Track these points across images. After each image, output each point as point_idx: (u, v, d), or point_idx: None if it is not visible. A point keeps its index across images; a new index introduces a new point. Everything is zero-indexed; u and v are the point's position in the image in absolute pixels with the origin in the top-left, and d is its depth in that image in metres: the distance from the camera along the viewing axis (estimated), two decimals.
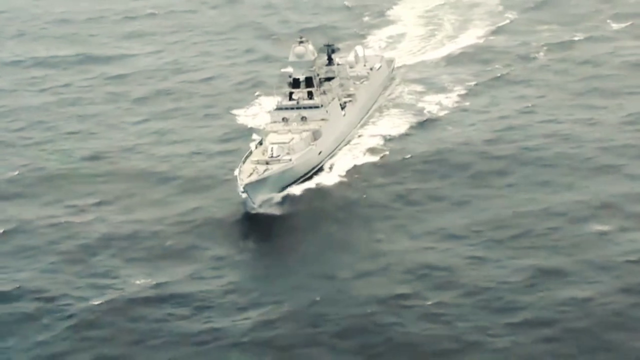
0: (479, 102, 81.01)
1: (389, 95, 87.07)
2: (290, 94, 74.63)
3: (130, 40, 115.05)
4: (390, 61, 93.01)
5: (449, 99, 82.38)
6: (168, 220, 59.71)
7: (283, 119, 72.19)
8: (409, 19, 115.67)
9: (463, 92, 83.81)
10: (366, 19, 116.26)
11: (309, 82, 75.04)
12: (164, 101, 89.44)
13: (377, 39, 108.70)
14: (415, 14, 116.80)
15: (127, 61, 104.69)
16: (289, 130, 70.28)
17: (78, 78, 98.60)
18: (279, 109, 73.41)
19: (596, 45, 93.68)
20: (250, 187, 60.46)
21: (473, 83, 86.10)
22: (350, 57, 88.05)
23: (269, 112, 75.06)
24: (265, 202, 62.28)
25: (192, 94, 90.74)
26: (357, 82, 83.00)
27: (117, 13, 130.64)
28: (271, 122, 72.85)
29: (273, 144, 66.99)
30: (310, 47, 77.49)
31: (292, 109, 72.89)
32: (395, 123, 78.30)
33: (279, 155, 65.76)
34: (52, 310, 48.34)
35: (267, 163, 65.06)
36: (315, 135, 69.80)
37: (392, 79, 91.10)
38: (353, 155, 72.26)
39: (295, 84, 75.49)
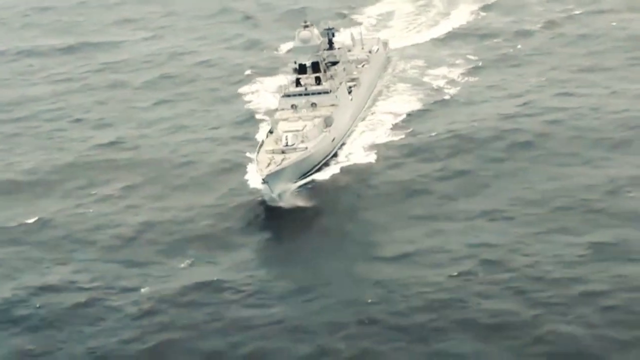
0: (486, 79, 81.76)
1: (388, 77, 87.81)
2: (298, 80, 74.21)
3: (120, 27, 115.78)
4: (385, 43, 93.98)
5: (454, 78, 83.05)
6: (198, 207, 60.36)
7: (292, 106, 71.46)
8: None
9: (468, 69, 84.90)
10: None
11: (315, 67, 74.84)
12: (168, 86, 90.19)
13: (365, 18, 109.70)
14: None
15: (122, 48, 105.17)
16: (300, 118, 69.81)
17: (75, 66, 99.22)
18: (287, 95, 72.74)
19: (594, 19, 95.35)
20: (271, 177, 60.08)
21: (476, 59, 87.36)
22: (348, 40, 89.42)
23: (277, 98, 74.81)
24: (284, 192, 61.98)
25: (194, 79, 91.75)
26: (359, 66, 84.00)
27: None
28: (280, 110, 72.28)
29: (286, 132, 66.38)
30: (316, 31, 77.41)
31: (300, 95, 72.42)
32: (404, 102, 78.70)
33: (293, 144, 65.22)
34: (103, 300, 48.76)
35: (283, 152, 64.37)
36: (327, 121, 69.54)
37: (389, 61, 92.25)
38: (368, 139, 72.19)
39: (302, 69, 75.04)
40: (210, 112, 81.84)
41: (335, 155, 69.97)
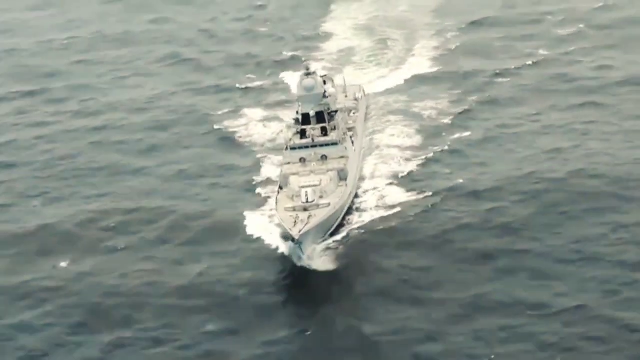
0: (479, 123, 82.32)
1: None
2: (303, 131, 71.82)
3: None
4: (363, 89, 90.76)
5: (444, 124, 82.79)
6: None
7: (301, 159, 69.06)
8: (351, 38, 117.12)
9: (457, 113, 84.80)
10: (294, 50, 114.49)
11: (320, 117, 72.44)
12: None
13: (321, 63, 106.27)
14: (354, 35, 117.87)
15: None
16: (311, 171, 67.34)
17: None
18: (294, 148, 70.11)
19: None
20: (303, 237, 58.04)
21: (459, 103, 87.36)
22: (331, 88, 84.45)
23: (282, 152, 71.95)
24: (313, 253, 60.18)
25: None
26: (351, 114, 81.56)
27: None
28: (286, 163, 69.54)
29: (304, 187, 63.91)
30: (319, 78, 74.86)
31: (307, 147, 69.77)
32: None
33: (314, 200, 62.83)
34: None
35: (305, 209, 61.94)
36: (342, 175, 67.39)
37: (368, 107, 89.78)
38: (377, 190, 70.96)
39: (305, 119, 72.59)
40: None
41: (349, 210, 67.63)
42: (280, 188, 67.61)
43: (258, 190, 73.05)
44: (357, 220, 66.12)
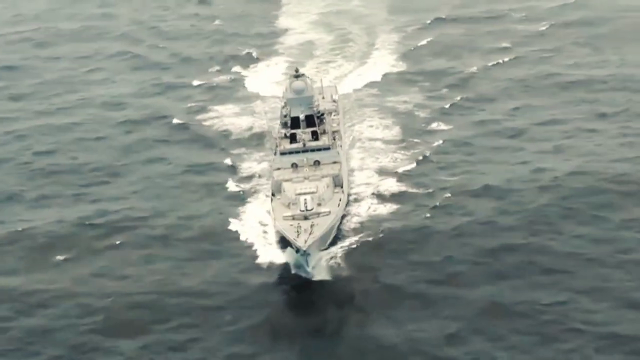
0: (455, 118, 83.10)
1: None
2: (293, 135, 69.80)
3: None
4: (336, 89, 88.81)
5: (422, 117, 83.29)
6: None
7: (292, 164, 67.19)
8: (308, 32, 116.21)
9: (435, 110, 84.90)
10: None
11: (309, 120, 70.60)
12: None
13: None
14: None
15: None
16: (305, 178, 65.45)
17: None
18: (284, 153, 68.18)
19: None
20: (311, 248, 56.62)
21: (434, 99, 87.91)
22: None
23: (272, 157, 70.37)
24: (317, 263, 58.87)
25: None
26: (334, 117, 79.36)
27: None
28: (277, 169, 67.52)
29: (300, 194, 61.97)
30: (309, 80, 73.04)
31: (299, 152, 68.06)
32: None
33: (312, 208, 60.93)
34: None
35: (306, 218, 60.09)
36: (337, 180, 65.89)
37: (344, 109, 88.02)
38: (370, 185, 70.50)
39: (295, 123, 70.57)
40: None
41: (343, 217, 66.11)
42: (273, 195, 65.56)
43: (237, 188, 72.46)
44: (354, 224, 65.22)
